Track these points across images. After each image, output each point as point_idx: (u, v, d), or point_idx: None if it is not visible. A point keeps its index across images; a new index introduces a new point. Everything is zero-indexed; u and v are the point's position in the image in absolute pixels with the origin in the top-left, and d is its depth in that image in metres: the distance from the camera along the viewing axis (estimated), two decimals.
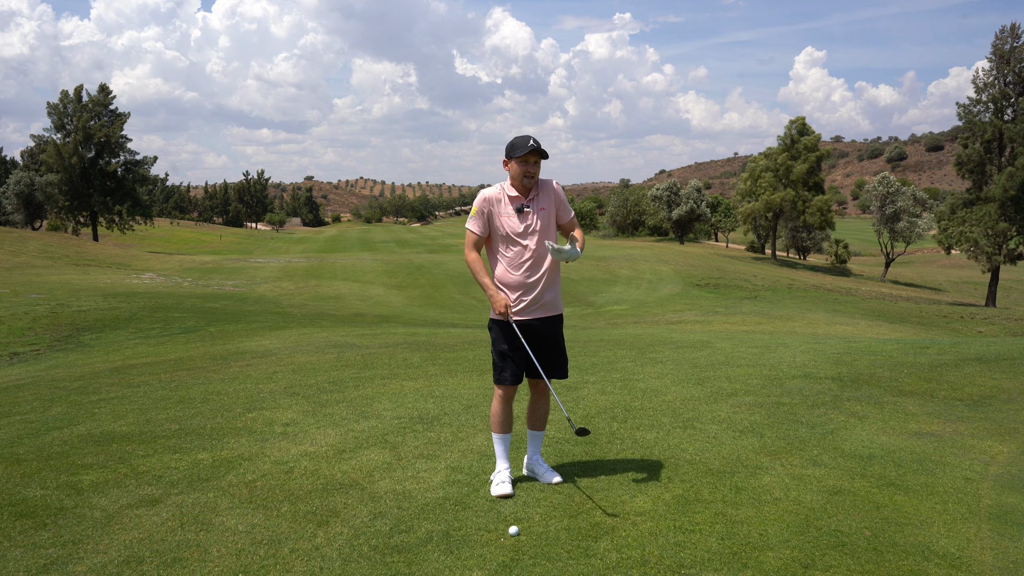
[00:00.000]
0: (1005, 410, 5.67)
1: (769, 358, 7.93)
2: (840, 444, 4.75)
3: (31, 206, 53.33)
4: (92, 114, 56.03)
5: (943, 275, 62.70)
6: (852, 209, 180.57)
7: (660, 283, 33.81)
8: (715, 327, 17.61)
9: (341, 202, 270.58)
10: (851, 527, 3.48)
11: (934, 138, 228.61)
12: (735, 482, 4.04)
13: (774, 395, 6.08)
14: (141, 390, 6.91)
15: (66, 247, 38.75)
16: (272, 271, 33.47)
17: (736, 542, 3.31)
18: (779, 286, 35.66)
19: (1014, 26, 41.46)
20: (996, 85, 41.81)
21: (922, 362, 7.40)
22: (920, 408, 5.70)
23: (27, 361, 10.98)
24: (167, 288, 23.35)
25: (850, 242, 71.50)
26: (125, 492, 3.99)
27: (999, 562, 3.18)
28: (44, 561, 3.19)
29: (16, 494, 3.97)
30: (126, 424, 5.48)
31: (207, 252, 55.01)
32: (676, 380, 6.74)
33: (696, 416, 5.41)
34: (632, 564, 3.11)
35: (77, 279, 23.80)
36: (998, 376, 6.70)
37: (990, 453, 4.64)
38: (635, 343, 9.92)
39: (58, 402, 6.49)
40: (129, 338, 12.66)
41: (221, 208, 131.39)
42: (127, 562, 3.18)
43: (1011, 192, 38.72)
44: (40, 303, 16.17)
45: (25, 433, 5.31)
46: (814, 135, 59.73)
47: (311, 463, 4.44)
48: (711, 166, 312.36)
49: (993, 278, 40.90)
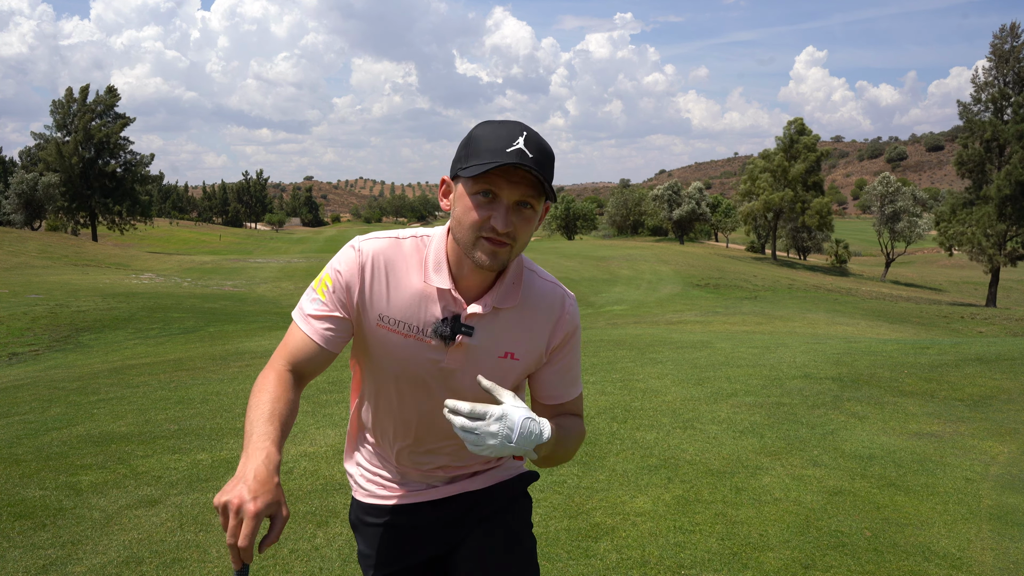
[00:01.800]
0: (1005, 410, 5.66)
1: (769, 358, 7.92)
2: (840, 444, 4.74)
3: (31, 206, 53.34)
4: (95, 114, 56.09)
5: (943, 275, 62.70)
6: (852, 209, 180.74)
7: (660, 283, 33.80)
8: (715, 327, 17.61)
9: (341, 202, 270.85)
10: (851, 527, 3.47)
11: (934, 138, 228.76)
12: (735, 482, 4.03)
13: (774, 395, 6.07)
14: (140, 390, 6.90)
15: (65, 247, 38.74)
16: (272, 271, 33.47)
17: (736, 542, 3.30)
18: (779, 286, 35.65)
19: (1014, 25, 41.44)
20: (996, 85, 41.82)
21: (922, 362, 7.39)
22: (920, 408, 5.70)
23: (26, 361, 10.98)
24: (166, 288, 23.34)
25: (850, 242, 71.53)
26: (124, 493, 3.98)
27: (1000, 563, 3.18)
28: (43, 562, 3.19)
29: (15, 495, 3.96)
30: (125, 425, 5.47)
31: (206, 252, 55.00)
32: (676, 380, 6.73)
33: (696, 416, 5.41)
34: (632, 565, 3.10)
35: (76, 279, 23.79)
36: (998, 376, 6.70)
37: (990, 453, 4.64)
38: (635, 343, 9.91)
39: (57, 402, 6.48)
40: (128, 338, 12.66)
41: (220, 208, 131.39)
42: (126, 563, 3.17)
43: (1006, 191, 38.74)
44: (39, 303, 16.17)
45: (24, 433, 5.30)
46: (812, 135, 59.76)
47: (310, 463, 4.43)
48: (711, 166, 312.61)
49: (993, 278, 40.89)
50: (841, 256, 65.20)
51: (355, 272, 1.51)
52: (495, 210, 1.40)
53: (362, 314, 1.53)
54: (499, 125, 1.43)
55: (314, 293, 1.54)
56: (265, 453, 1.29)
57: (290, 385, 1.47)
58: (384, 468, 1.74)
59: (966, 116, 42.54)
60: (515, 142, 1.39)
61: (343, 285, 1.51)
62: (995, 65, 41.88)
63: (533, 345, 1.58)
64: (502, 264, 1.44)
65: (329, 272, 1.54)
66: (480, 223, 1.41)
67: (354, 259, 1.52)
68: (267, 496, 1.23)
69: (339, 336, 1.52)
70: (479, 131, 1.44)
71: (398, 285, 1.52)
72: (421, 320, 1.51)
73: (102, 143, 56.00)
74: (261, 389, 1.45)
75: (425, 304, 1.51)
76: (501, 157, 1.37)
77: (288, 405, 1.43)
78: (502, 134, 1.41)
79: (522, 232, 1.43)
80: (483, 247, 1.42)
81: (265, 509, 1.22)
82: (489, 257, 1.42)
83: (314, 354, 1.52)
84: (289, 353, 1.52)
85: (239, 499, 1.21)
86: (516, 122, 1.44)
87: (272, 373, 1.49)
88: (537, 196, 1.43)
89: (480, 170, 1.37)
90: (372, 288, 1.52)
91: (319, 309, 1.52)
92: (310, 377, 1.54)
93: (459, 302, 1.50)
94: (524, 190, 1.41)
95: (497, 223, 1.40)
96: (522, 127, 1.43)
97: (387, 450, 1.71)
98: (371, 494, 1.75)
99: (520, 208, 1.42)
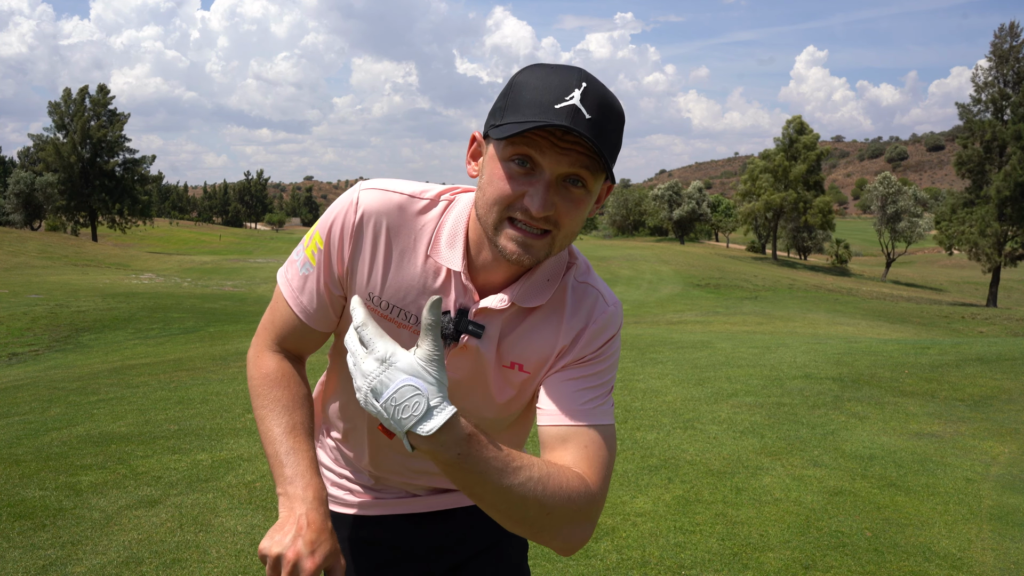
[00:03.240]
0: (1006, 411, 5.66)
1: (770, 358, 7.92)
2: (841, 445, 4.74)
3: (30, 206, 53.35)
4: (92, 114, 56.21)
5: (944, 275, 62.70)
6: (853, 209, 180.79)
7: (660, 283, 33.79)
8: (715, 327, 17.60)
9: None
10: (852, 528, 3.47)
11: (935, 138, 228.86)
12: (736, 483, 4.03)
13: (775, 395, 6.07)
14: (140, 391, 6.90)
15: (65, 247, 38.75)
16: (272, 271, 33.45)
17: (737, 543, 3.30)
18: (780, 286, 35.65)
19: (1013, 24, 41.46)
20: (996, 84, 41.81)
21: (923, 362, 7.39)
22: (921, 409, 5.69)
23: (26, 362, 10.98)
24: (166, 288, 23.34)
25: (851, 242, 71.55)
26: (124, 493, 3.98)
27: (1000, 563, 3.17)
28: (43, 562, 3.18)
29: (15, 495, 3.96)
30: (125, 425, 5.47)
31: (206, 252, 55.01)
32: (676, 380, 6.73)
33: (696, 416, 5.40)
34: (632, 565, 3.10)
35: (76, 279, 23.80)
36: (999, 377, 6.70)
37: (991, 454, 4.63)
38: (635, 343, 9.91)
39: (57, 403, 6.48)
40: (128, 338, 12.66)
41: (220, 208, 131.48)
42: (126, 563, 3.17)
43: (1005, 192, 38.75)
44: (39, 303, 16.17)
45: (24, 434, 5.29)
46: (812, 134, 59.76)
47: None
48: (712, 166, 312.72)
49: (994, 278, 40.88)
50: (842, 256, 65.22)
51: (349, 231, 1.18)
52: (533, 185, 1.04)
53: (350, 288, 1.22)
54: (551, 71, 1.05)
55: (303, 253, 1.23)
56: (313, 490, 1.10)
57: (295, 374, 1.25)
58: (353, 472, 1.43)
59: (966, 117, 42.56)
60: (569, 96, 1.02)
61: (336, 247, 1.19)
62: (995, 65, 41.87)
63: (550, 352, 1.21)
64: (536, 259, 1.09)
65: (320, 229, 1.21)
66: (510, 199, 1.05)
67: (351, 215, 1.18)
68: (325, 547, 1.06)
69: (332, 316, 1.25)
70: (523, 77, 1.07)
71: (401, 259, 1.18)
72: (421, 308, 1.18)
73: (100, 142, 56.09)
74: (266, 382, 1.22)
75: (431, 288, 1.18)
76: (547, 115, 1.00)
77: (304, 402, 1.22)
78: (553, 83, 1.03)
79: (567, 219, 1.07)
80: (509, 233, 1.07)
81: (324, 562, 1.05)
82: (518, 248, 1.07)
83: (305, 333, 1.26)
84: (278, 332, 1.27)
85: (295, 554, 1.03)
86: (573, 67, 1.06)
87: (270, 359, 1.26)
88: (593, 171, 1.05)
89: (515, 130, 1.00)
90: (366, 256, 1.19)
91: (307, 280, 1.22)
92: (308, 354, 1.31)
93: (470, 292, 1.17)
94: (575, 161, 1.03)
95: (532, 203, 1.03)
96: (581, 75, 1.05)
97: (359, 451, 1.39)
98: (338, 501, 1.45)
99: (568, 186, 1.05)
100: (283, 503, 1.10)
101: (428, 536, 1.41)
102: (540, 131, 1.02)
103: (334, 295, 1.22)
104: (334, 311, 1.24)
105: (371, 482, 1.41)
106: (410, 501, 1.41)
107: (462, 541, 1.42)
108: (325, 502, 1.11)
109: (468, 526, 1.41)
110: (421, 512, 1.41)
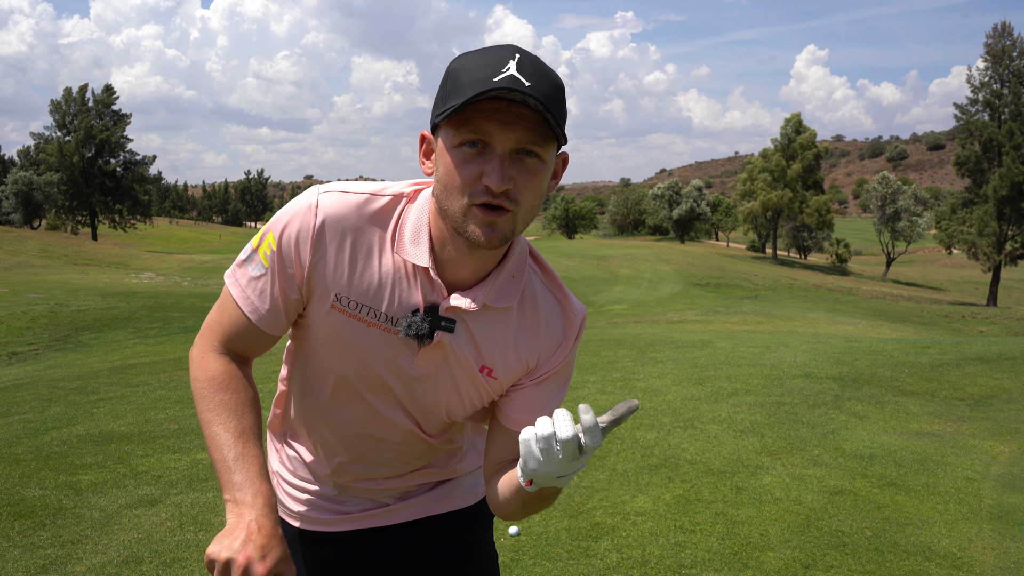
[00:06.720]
0: (1006, 410, 5.66)
1: (770, 358, 7.92)
2: (841, 444, 4.74)
3: (30, 205, 53.32)
4: (95, 114, 56.17)
5: (944, 274, 62.70)
6: (853, 208, 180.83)
7: (660, 282, 33.78)
8: (716, 326, 17.59)
9: None
10: (852, 527, 3.47)
11: (935, 137, 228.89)
12: (736, 482, 4.03)
13: (775, 395, 6.07)
14: (140, 390, 6.90)
15: (65, 246, 38.74)
16: None
17: (737, 542, 3.30)
18: (780, 285, 35.64)
19: (1005, 25, 41.48)
20: (991, 85, 41.82)
21: (923, 362, 7.39)
22: (921, 408, 5.69)
23: (26, 361, 10.98)
24: (166, 287, 23.33)
25: (851, 241, 71.55)
26: (124, 492, 3.98)
27: (1000, 562, 3.17)
28: (43, 561, 3.18)
29: (15, 494, 3.96)
30: (125, 424, 5.47)
31: (206, 251, 54.97)
32: (677, 380, 6.73)
33: (697, 416, 5.40)
34: (632, 564, 3.10)
35: (76, 278, 23.79)
36: (999, 376, 6.70)
37: (991, 453, 4.63)
38: (635, 343, 9.91)
39: (57, 402, 6.48)
40: (128, 338, 12.66)
41: (220, 207, 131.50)
42: (126, 562, 3.17)
43: (1002, 192, 38.77)
44: (39, 302, 16.16)
45: (24, 433, 5.29)
46: (810, 132, 59.69)
47: None
48: (712, 165, 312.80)
49: (994, 278, 40.88)
50: (842, 255, 65.22)
51: (307, 235, 1.14)
52: (488, 163, 1.03)
53: (312, 292, 1.18)
54: (483, 51, 1.05)
55: (254, 254, 1.18)
56: (263, 497, 1.08)
57: (243, 377, 1.21)
58: (315, 483, 1.38)
59: (965, 117, 42.57)
60: (505, 68, 1.00)
61: (293, 250, 1.14)
62: (990, 65, 41.88)
63: (519, 364, 1.24)
64: (503, 239, 1.07)
65: (273, 230, 1.16)
66: (469, 182, 1.04)
67: (310, 218, 1.14)
68: (276, 552, 1.04)
69: (284, 320, 1.21)
70: (458, 63, 1.06)
71: (367, 258, 1.16)
72: (392, 305, 1.16)
73: (103, 142, 56.07)
74: (213, 385, 1.18)
75: (399, 285, 1.16)
76: (486, 87, 0.99)
77: (252, 405, 1.19)
78: (487, 59, 1.03)
79: (526, 191, 1.06)
80: (476, 218, 1.05)
81: (275, 567, 1.03)
82: (485, 230, 1.06)
83: (254, 335, 1.21)
84: (225, 333, 1.22)
85: (246, 558, 1.01)
86: (505, 44, 1.07)
87: (216, 360, 1.21)
88: (543, 140, 1.05)
89: (459, 102, 1.00)
90: (329, 259, 1.15)
91: (260, 281, 1.18)
92: (255, 357, 1.27)
93: (438, 287, 1.16)
94: (523, 132, 1.03)
95: (491, 179, 1.02)
96: (514, 48, 1.05)
97: (320, 463, 1.35)
98: (297, 516, 1.41)
99: (521, 158, 1.05)
100: (231, 509, 1.08)
101: (395, 548, 1.40)
102: (485, 108, 1.01)
103: (289, 298, 1.18)
104: (286, 314, 1.20)
105: (334, 492, 1.37)
106: (377, 513, 1.38)
107: (435, 551, 1.41)
108: (275, 508, 1.10)
109: (439, 535, 1.41)
110: (386, 524, 1.39)
